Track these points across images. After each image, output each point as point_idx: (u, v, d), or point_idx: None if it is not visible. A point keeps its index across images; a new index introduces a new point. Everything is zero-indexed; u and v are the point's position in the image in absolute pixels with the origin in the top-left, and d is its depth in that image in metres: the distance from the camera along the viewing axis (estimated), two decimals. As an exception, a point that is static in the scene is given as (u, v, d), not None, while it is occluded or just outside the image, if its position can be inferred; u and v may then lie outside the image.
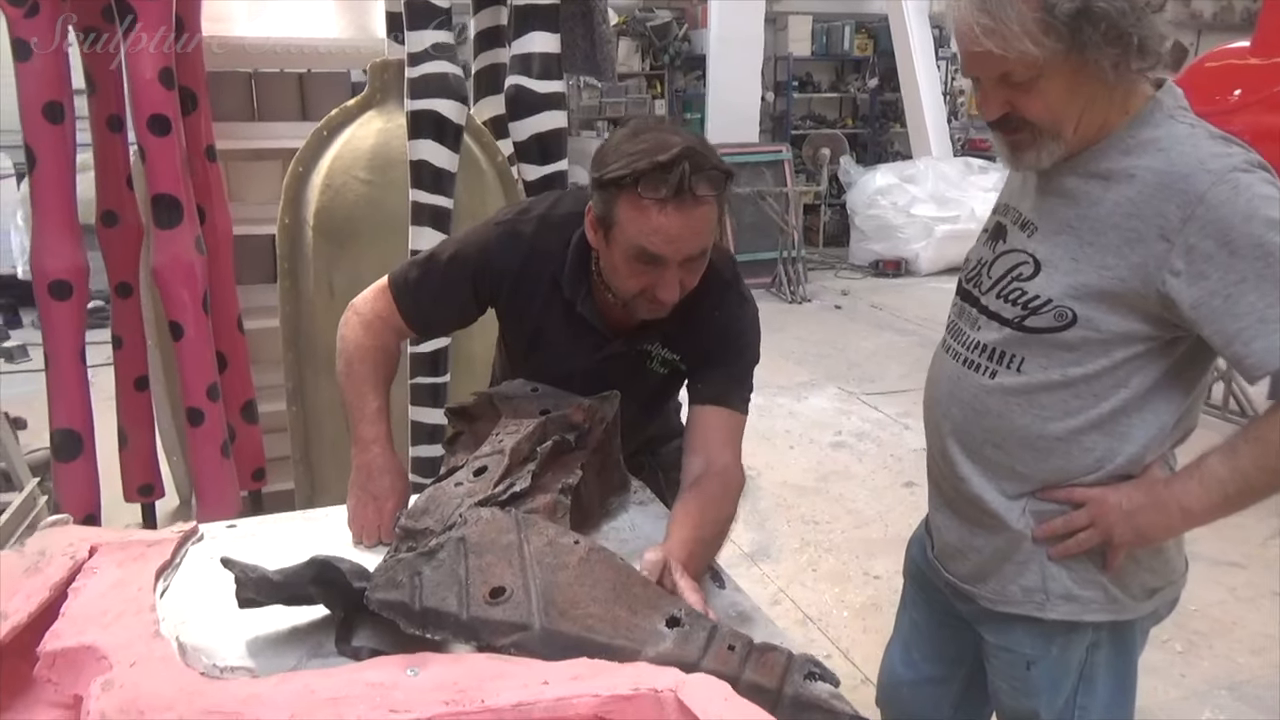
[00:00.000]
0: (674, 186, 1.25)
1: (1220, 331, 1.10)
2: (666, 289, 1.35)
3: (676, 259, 1.32)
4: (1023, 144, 1.21)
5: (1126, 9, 1.08)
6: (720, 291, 1.51)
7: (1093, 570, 1.27)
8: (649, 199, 1.27)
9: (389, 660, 0.88)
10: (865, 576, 3.18)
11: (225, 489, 2.30)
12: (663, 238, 1.29)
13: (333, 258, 2.54)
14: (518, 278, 1.50)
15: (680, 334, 1.51)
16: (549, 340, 1.54)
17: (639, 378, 1.54)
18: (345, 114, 2.63)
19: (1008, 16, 1.10)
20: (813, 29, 9.12)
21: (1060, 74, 1.14)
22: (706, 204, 1.30)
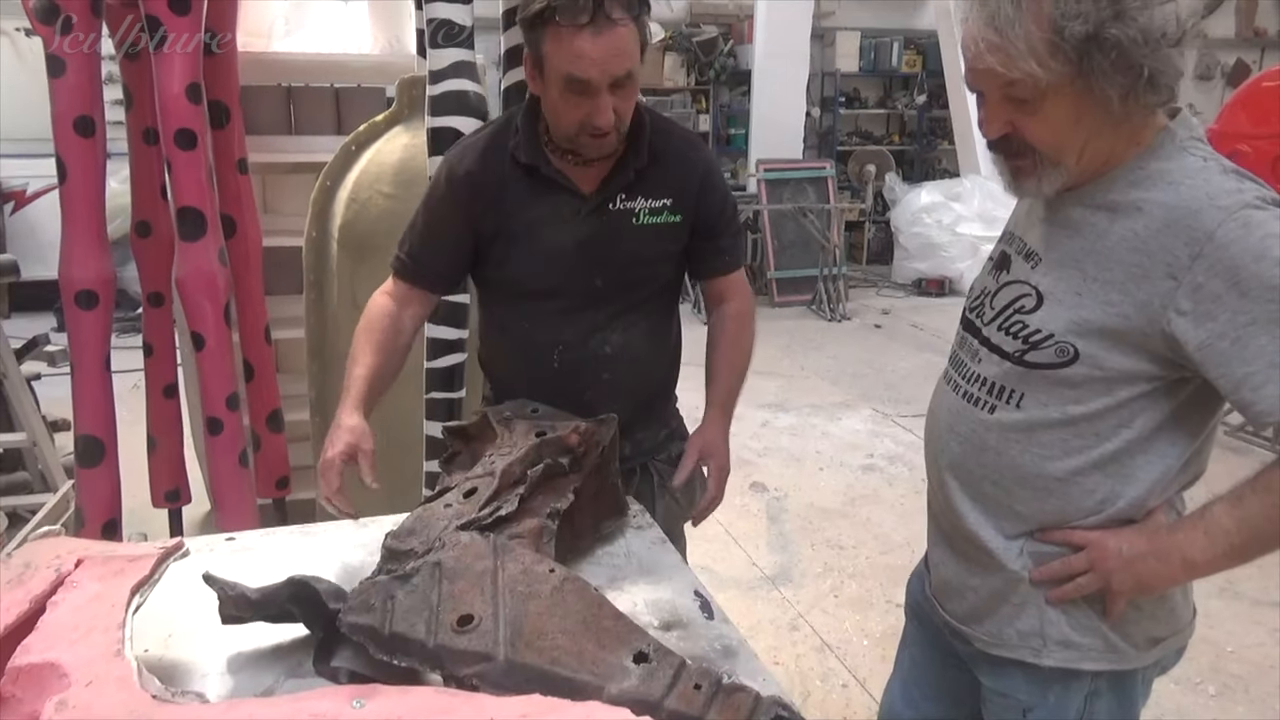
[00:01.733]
0: (588, 12, 1.37)
1: (1227, 375, 1.05)
2: (600, 114, 1.44)
3: (604, 82, 1.42)
4: (1024, 170, 1.17)
5: (1140, 39, 1.03)
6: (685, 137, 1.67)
7: (1092, 617, 1.22)
8: (567, 27, 1.38)
9: (336, 691, 0.88)
10: (888, 604, 3.12)
11: (243, 498, 2.33)
12: (587, 61, 1.40)
13: (356, 271, 2.57)
14: (482, 171, 1.58)
15: (657, 178, 1.59)
16: (528, 222, 1.59)
17: (629, 237, 1.59)
18: (373, 129, 2.67)
19: (1015, 34, 1.07)
20: (861, 45, 9.06)
21: (1065, 99, 1.10)
22: (624, 25, 1.40)
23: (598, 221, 1.57)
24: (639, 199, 1.58)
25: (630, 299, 1.62)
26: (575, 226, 1.57)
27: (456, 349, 2.31)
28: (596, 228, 1.57)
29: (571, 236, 1.58)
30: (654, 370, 1.71)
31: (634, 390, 1.66)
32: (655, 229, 1.59)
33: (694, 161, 1.63)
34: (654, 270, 1.65)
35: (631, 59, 1.44)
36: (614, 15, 1.39)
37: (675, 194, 1.59)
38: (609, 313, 1.63)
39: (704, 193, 1.63)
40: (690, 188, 1.61)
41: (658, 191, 1.58)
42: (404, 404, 2.60)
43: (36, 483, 3.35)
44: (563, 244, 1.58)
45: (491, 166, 1.58)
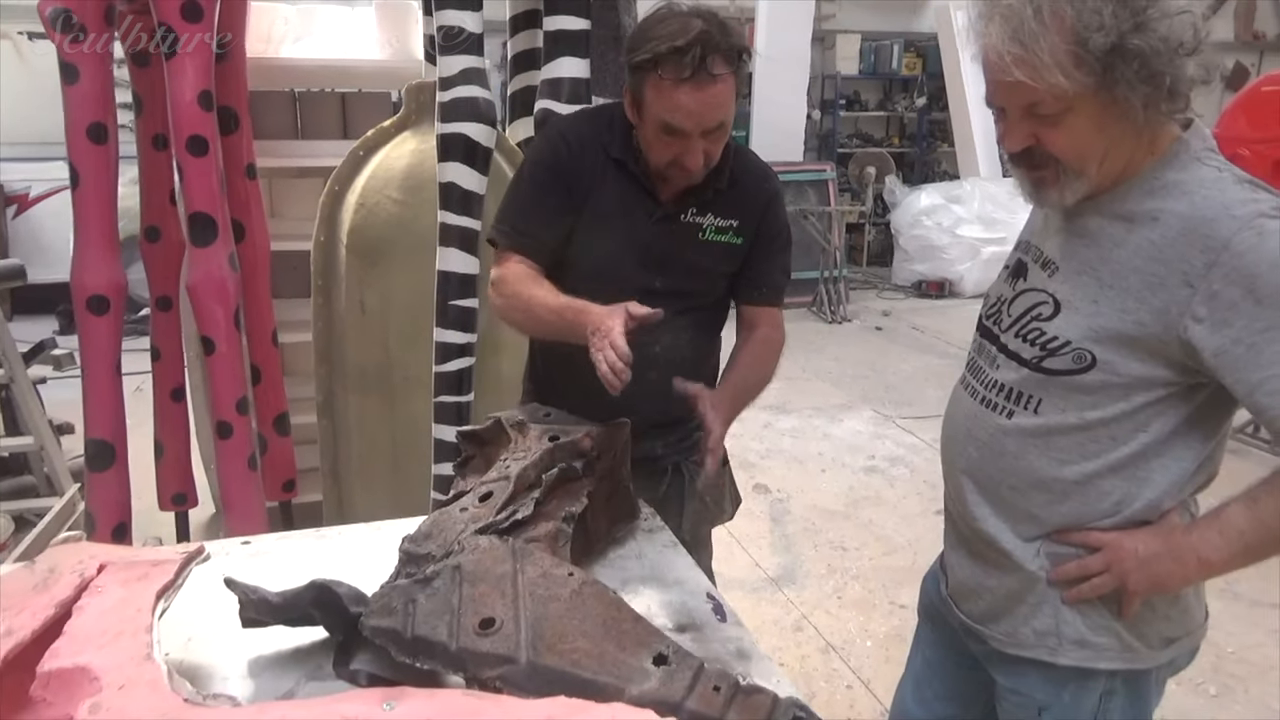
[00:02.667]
0: (691, 68, 1.42)
1: (1243, 381, 1.07)
2: (691, 157, 1.51)
3: (697, 131, 1.48)
4: (1046, 181, 1.18)
5: (1161, 49, 1.05)
6: (760, 169, 1.71)
7: (1107, 616, 1.23)
8: (669, 80, 1.44)
9: (367, 694, 0.89)
10: (891, 606, 3.14)
11: (252, 502, 2.34)
12: (683, 114, 1.46)
13: (364, 276, 2.58)
14: (580, 150, 1.63)
15: (730, 199, 1.65)
16: (606, 212, 1.63)
17: (694, 249, 1.65)
18: (381, 135, 2.68)
19: (1040, 47, 1.08)
20: (861, 48, 9.08)
21: (1089, 109, 1.11)
22: (723, 81, 1.45)
23: (667, 229, 1.63)
24: (709, 215, 1.64)
25: (683, 305, 1.64)
26: (646, 228, 1.63)
27: (466, 353, 2.33)
28: (665, 234, 1.63)
29: (641, 236, 1.63)
30: (696, 375, 1.70)
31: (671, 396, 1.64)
32: (718, 246, 1.65)
33: (766, 191, 1.69)
34: (709, 284, 1.70)
35: (727, 110, 1.49)
36: (715, 70, 1.43)
37: (742, 217, 1.65)
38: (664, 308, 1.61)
39: (766, 221, 1.68)
40: (756, 214, 1.67)
41: (727, 212, 1.64)
42: (411, 408, 2.62)
43: (43, 486, 3.36)
44: (632, 241, 1.63)
45: (589, 149, 1.63)
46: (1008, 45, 1.10)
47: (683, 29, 1.43)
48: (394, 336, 2.59)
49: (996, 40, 1.10)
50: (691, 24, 1.44)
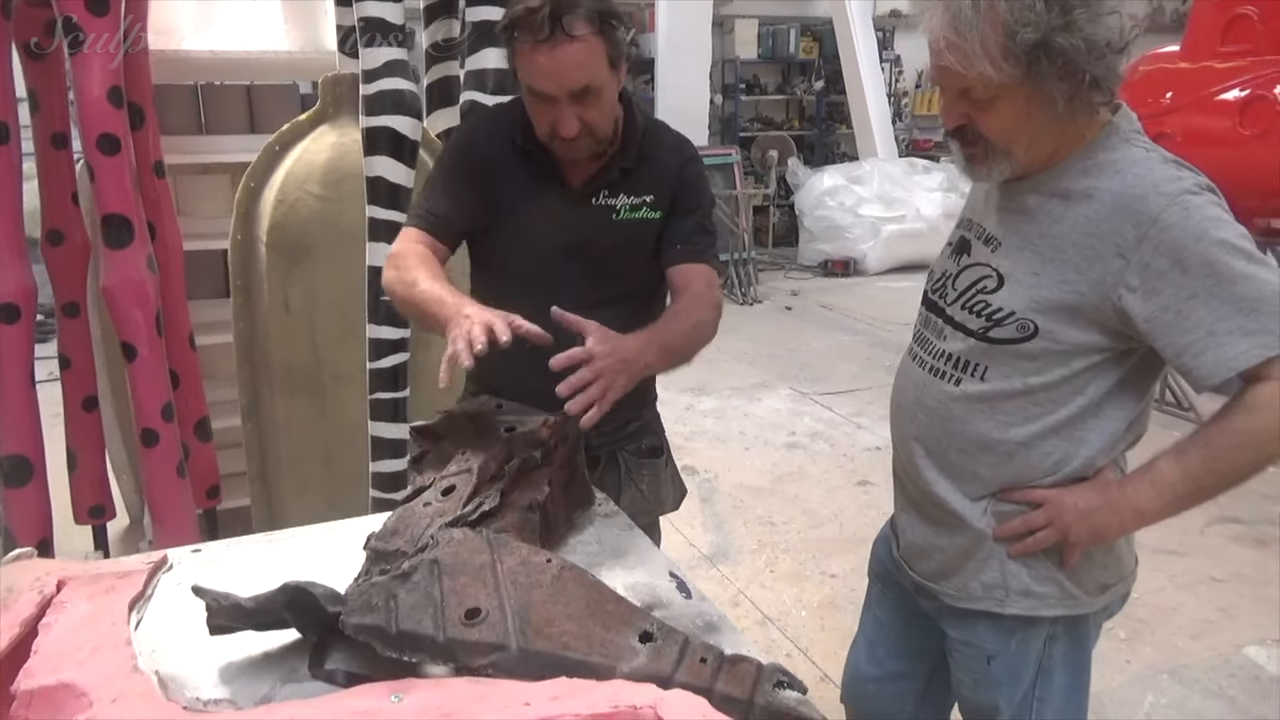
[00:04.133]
0: (547, 28, 1.41)
1: (1171, 344, 1.16)
2: (564, 124, 1.49)
3: (563, 94, 1.46)
4: (977, 157, 1.27)
5: (1084, 48, 1.13)
6: (673, 140, 1.70)
7: (1050, 567, 1.33)
8: (526, 43, 1.44)
9: (373, 688, 0.90)
10: (822, 576, 3.24)
11: (182, 511, 2.27)
12: (542, 75, 1.45)
13: (287, 273, 2.53)
14: (488, 144, 1.64)
15: (642, 175, 1.63)
16: (516, 204, 1.63)
17: (610, 231, 1.63)
18: (297, 129, 2.62)
19: (973, 37, 1.15)
20: (759, 32, 9.22)
21: (1015, 98, 1.19)
22: (582, 40, 1.43)
23: (580, 214, 1.61)
24: (621, 195, 1.62)
25: (607, 293, 1.63)
26: (559, 215, 1.61)
27: (400, 349, 2.30)
28: (578, 219, 1.61)
29: (554, 224, 1.61)
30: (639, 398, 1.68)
31: None
32: (634, 224, 1.63)
33: (678, 160, 1.67)
34: (631, 266, 1.67)
35: (590, 72, 1.46)
36: (574, 31, 1.42)
37: (656, 192, 1.63)
38: (585, 305, 1.60)
39: (680, 187, 1.65)
40: (669, 184, 1.65)
41: (640, 189, 1.63)
42: (343, 406, 2.58)
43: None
44: (545, 230, 1.62)
45: (496, 142, 1.63)
46: (945, 31, 1.17)
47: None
48: (321, 335, 2.54)
49: (937, 26, 1.18)
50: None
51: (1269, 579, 3.20)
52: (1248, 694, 2.59)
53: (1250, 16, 4.36)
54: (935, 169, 8.61)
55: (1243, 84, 4.31)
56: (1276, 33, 4.27)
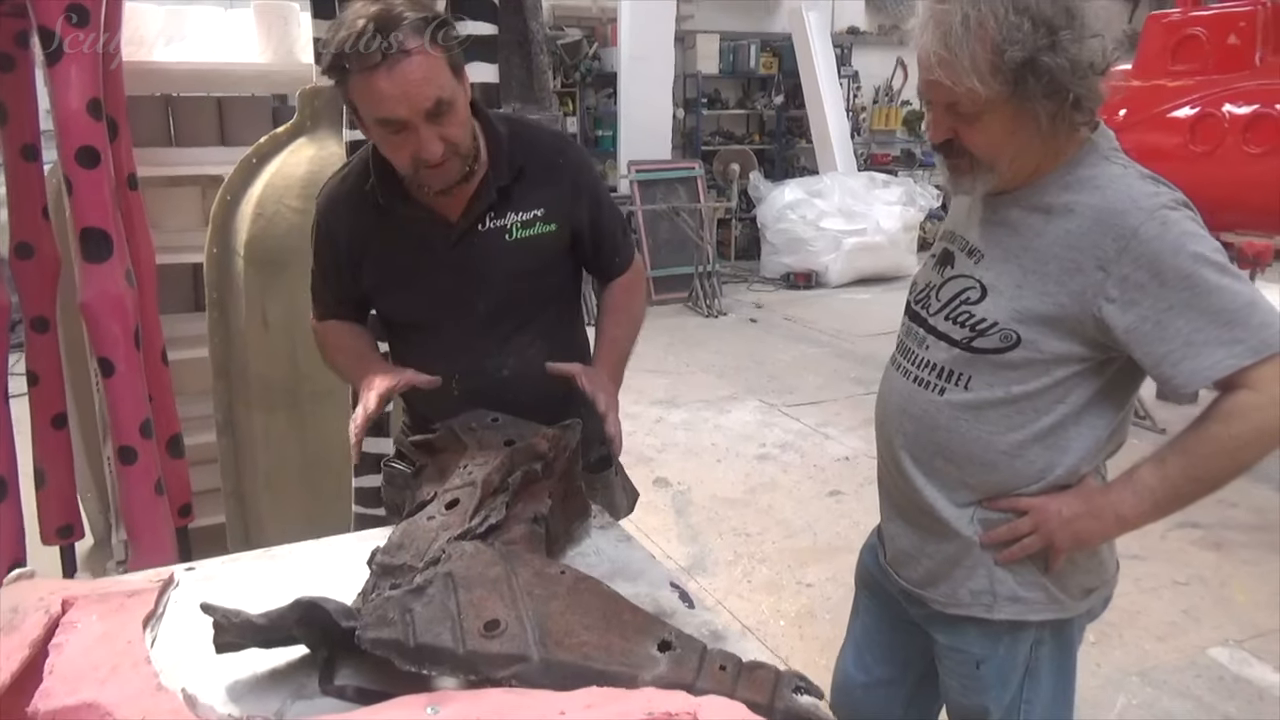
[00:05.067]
0: (377, 51, 1.31)
1: (1150, 353, 1.21)
2: (425, 147, 1.38)
3: (416, 116, 1.35)
4: (962, 169, 1.30)
5: (1068, 68, 1.17)
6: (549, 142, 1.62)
7: (1036, 573, 1.36)
8: (360, 72, 1.33)
9: (409, 700, 0.90)
10: (799, 585, 3.28)
11: (160, 530, 2.23)
12: (391, 101, 1.34)
13: (266, 287, 2.50)
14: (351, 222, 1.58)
15: (525, 189, 1.55)
16: (401, 262, 1.57)
17: (505, 255, 1.55)
18: (275, 141, 2.60)
19: (963, 53, 1.18)
20: (720, 47, 9.30)
21: (1001, 114, 1.23)
22: (419, 54, 1.33)
23: (469, 246, 1.53)
24: (508, 214, 1.54)
25: (519, 318, 1.59)
26: (447, 255, 1.54)
27: (384, 362, 2.29)
28: (469, 253, 1.54)
29: (445, 266, 1.54)
30: (557, 386, 1.62)
31: (539, 408, 1.57)
32: (530, 241, 1.56)
33: (562, 167, 1.59)
34: (538, 284, 1.61)
35: (438, 86, 1.36)
36: (407, 45, 1.32)
37: (546, 203, 1.56)
38: (499, 337, 1.59)
39: (576, 196, 1.59)
40: (562, 194, 1.57)
41: (527, 203, 1.55)
42: (322, 422, 2.55)
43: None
44: (438, 275, 1.55)
45: (354, 215, 1.56)
46: (935, 47, 1.21)
47: (356, 16, 1.33)
48: (301, 349, 2.51)
49: (928, 41, 1.21)
50: (364, 9, 1.34)
51: (1227, 581, 3.30)
52: (1214, 693, 2.67)
53: (1199, 38, 4.52)
54: (894, 183, 8.76)
55: (1192, 102, 4.46)
56: (1223, 53, 4.43)
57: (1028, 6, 1.15)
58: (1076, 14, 1.17)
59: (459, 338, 1.58)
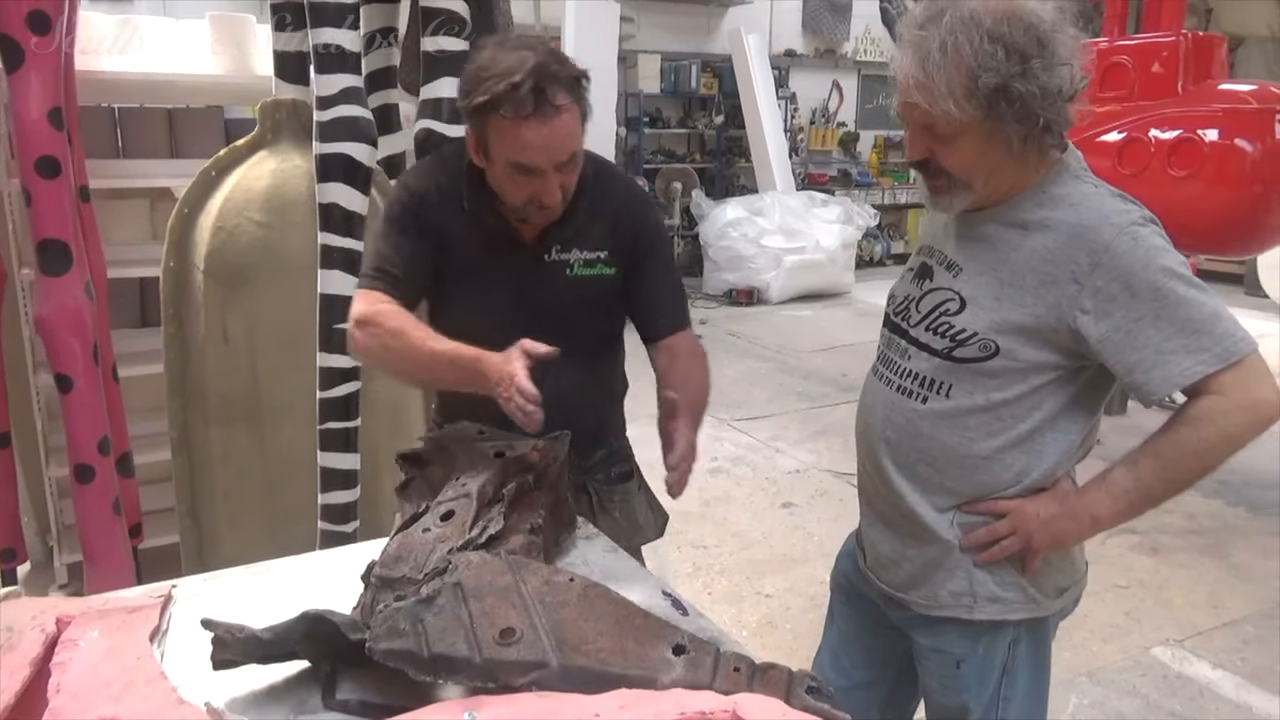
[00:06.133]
0: (532, 103, 1.39)
1: (1122, 362, 1.27)
2: (548, 194, 1.48)
3: (550, 166, 1.45)
4: (940, 188, 1.36)
5: (1039, 95, 1.23)
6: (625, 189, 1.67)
7: (1014, 573, 1.42)
8: (510, 118, 1.40)
9: (445, 707, 0.90)
10: (758, 596, 3.32)
11: (118, 550, 2.17)
12: (532, 150, 1.43)
13: (227, 302, 2.46)
14: (437, 206, 1.59)
15: (595, 229, 1.60)
16: (469, 266, 1.60)
17: (564, 287, 1.60)
18: (235, 154, 2.56)
19: (940, 77, 1.24)
20: (661, 67, 9.41)
21: (975, 136, 1.29)
22: (567, 111, 1.43)
23: (534, 272, 1.59)
24: (574, 250, 1.60)
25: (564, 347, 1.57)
26: (512, 274, 1.59)
27: (351, 377, 2.28)
28: (533, 278, 1.59)
29: (509, 284, 1.59)
30: (589, 414, 1.69)
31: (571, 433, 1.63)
32: (589, 280, 1.61)
33: (633, 217, 1.64)
34: (589, 319, 1.65)
35: (576, 140, 1.47)
36: (558, 102, 1.41)
37: (611, 248, 1.61)
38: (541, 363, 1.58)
39: (640, 248, 1.63)
40: (626, 242, 1.62)
41: (592, 243, 1.60)
42: (284, 438, 2.51)
43: None
44: (500, 291, 1.59)
45: (445, 202, 1.59)
46: (913, 71, 1.26)
47: (517, 64, 1.39)
48: (262, 364, 2.47)
49: (906, 65, 1.27)
50: (524, 57, 1.40)
51: (1165, 584, 3.45)
52: (1159, 691, 2.78)
53: (1125, 65, 4.74)
54: (832, 202, 8.95)
55: (1120, 127, 4.67)
56: (1148, 81, 4.65)
57: (1001, 35, 1.22)
58: (1047, 43, 1.24)
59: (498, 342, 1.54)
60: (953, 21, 1.24)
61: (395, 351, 1.51)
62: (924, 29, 1.28)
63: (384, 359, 1.54)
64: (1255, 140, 4.22)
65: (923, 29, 1.28)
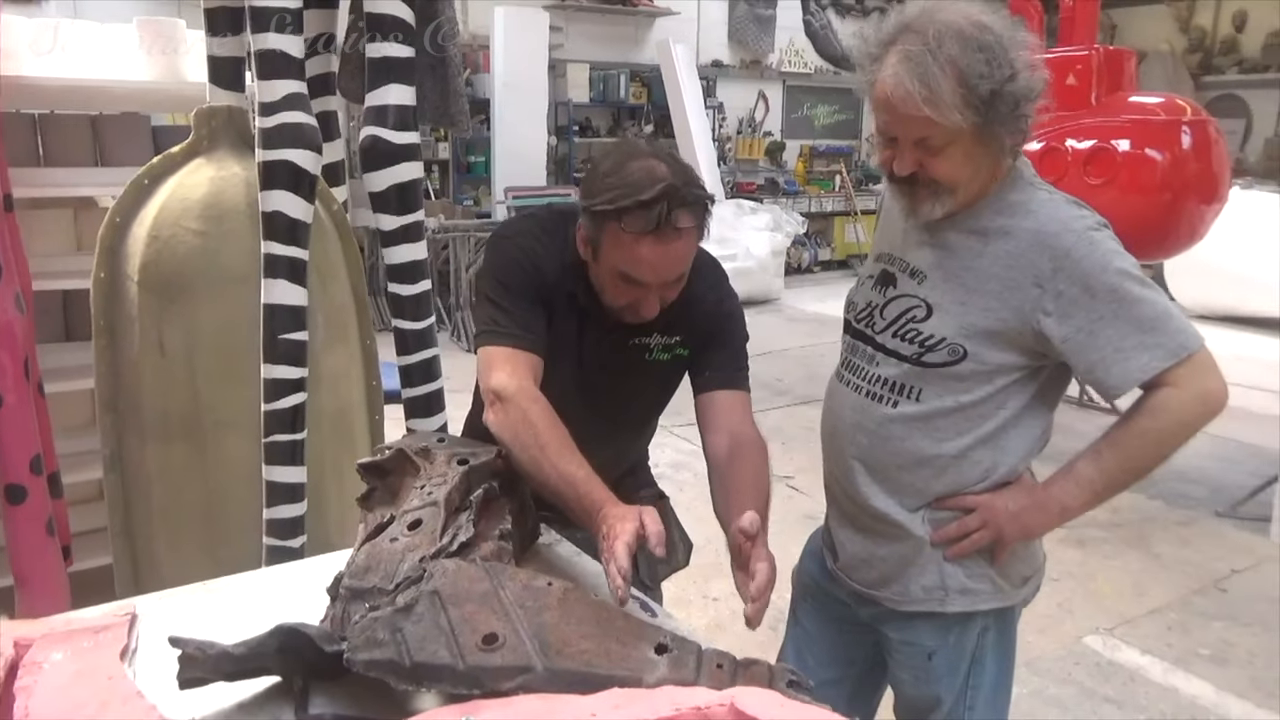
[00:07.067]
0: (655, 222, 1.36)
1: (1084, 360, 1.33)
2: (648, 307, 1.47)
3: (657, 283, 1.44)
4: (922, 196, 1.39)
5: (1027, 95, 1.29)
6: (710, 276, 1.63)
7: (983, 565, 1.47)
8: (630, 233, 1.38)
9: (445, 710, 0.89)
10: (705, 600, 3.34)
11: (52, 573, 2.08)
12: (645, 267, 1.41)
13: (163, 313, 2.38)
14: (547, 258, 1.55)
15: (678, 318, 1.57)
16: (565, 331, 1.57)
17: (640, 370, 1.60)
18: (169, 162, 2.48)
19: (943, 89, 1.27)
20: (590, 76, 9.44)
21: (965, 143, 1.33)
22: (686, 235, 1.41)
23: (616, 353, 1.59)
24: (655, 335, 1.59)
25: (629, 420, 1.65)
26: (594, 354, 1.59)
27: (298, 388, 2.23)
28: (612, 357, 1.59)
29: (587, 358, 1.59)
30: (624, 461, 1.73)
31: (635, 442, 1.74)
32: (665, 365, 1.61)
33: (715, 299, 1.62)
34: (655, 396, 1.69)
35: (687, 262, 1.44)
36: (680, 225, 1.38)
37: (688, 331, 1.59)
38: (606, 431, 1.60)
39: (716, 325, 1.61)
40: (704, 324, 1.60)
41: (673, 329, 1.59)
42: (226, 453, 2.44)
43: None
44: (579, 365, 1.59)
45: (552, 264, 1.55)
46: (917, 87, 1.28)
47: (648, 179, 1.36)
48: (202, 377, 2.40)
49: (907, 81, 1.28)
50: (656, 173, 1.37)
51: (1093, 575, 3.58)
52: (1093, 678, 2.89)
53: (1042, 77, 4.92)
54: (761, 210, 9.09)
55: (1038, 137, 4.85)
56: (1064, 93, 4.85)
57: (986, 44, 1.26)
58: (1014, 49, 1.29)
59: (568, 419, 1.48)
60: (939, 35, 1.27)
61: (525, 448, 1.41)
62: (912, 44, 1.30)
63: (512, 444, 1.44)
64: (1164, 150, 4.44)
65: (912, 44, 1.30)
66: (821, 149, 11.33)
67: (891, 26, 1.32)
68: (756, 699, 0.84)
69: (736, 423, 1.55)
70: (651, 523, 1.26)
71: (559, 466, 1.37)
